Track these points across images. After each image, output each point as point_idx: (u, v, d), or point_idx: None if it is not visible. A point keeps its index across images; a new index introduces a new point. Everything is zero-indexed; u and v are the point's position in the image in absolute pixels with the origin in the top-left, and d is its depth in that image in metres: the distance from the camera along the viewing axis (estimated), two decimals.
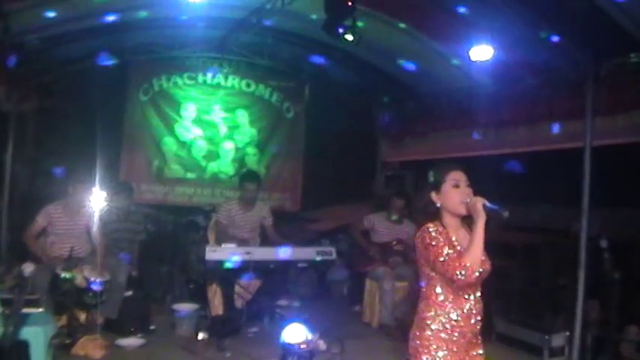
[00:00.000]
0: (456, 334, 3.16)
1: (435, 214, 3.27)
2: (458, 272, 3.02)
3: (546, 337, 6.58)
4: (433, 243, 3.12)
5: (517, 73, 7.75)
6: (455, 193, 3.21)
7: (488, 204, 3.09)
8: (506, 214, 3.06)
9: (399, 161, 11.04)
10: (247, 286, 7.22)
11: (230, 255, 6.74)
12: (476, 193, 3.22)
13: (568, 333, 6.71)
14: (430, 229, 3.16)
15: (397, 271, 7.83)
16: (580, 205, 6.79)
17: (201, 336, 6.65)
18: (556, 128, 7.58)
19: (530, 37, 6.83)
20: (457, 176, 3.24)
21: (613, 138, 6.89)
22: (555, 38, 6.65)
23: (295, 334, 5.65)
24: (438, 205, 3.26)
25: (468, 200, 3.15)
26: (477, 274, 3.06)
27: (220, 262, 6.73)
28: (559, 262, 7.63)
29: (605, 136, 6.85)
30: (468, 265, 3.02)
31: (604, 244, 6.21)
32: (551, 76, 7.41)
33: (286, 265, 7.31)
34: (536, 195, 8.14)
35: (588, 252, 6.68)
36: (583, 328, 6.60)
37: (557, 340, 6.65)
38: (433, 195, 3.28)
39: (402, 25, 7.80)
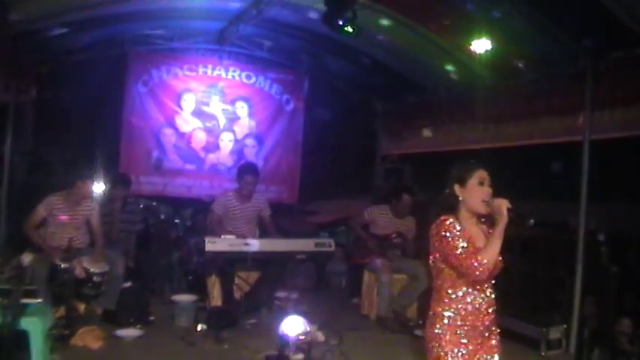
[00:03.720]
0: (468, 328, 3.22)
1: (453, 207, 3.31)
2: (474, 267, 3.08)
3: (544, 330, 6.60)
4: (448, 235, 3.17)
5: (516, 68, 7.75)
6: (479, 191, 3.26)
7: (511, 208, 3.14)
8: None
9: (398, 154, 11.04)
10: (246, 277, 7.23)
11: (229, 246, 6.76)
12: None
13: (565, 326, 6.74)
14: (446, 222, 3.21)
15: (395, 263, 7.85)
16: (578, 200, 6.81)
17: (199, 327, 6.66)
18: (555, 122, 7.58)
19: (530, 31, 6.83)
20: (483, 175, 3.30)
21: (611, 132, 6.90)
22: (554, 32, 6.66)
23: (293, 325, 5.67)
24: (461, 198, 3.30)
25: (489, 200, 3.21)
26: (487, 271, 3.10)
27: (219, 254, 6.75)
28: (557, 256, 7.64)
29: (603, 131, 6.86)
30: (485, 262, 3.07)
31: (601, 238, 6.24)
32: (550, 70, 7.42)
33: (285, 256, 7.33)
34: (534, 189, 8.14)
35: (586, 246, 6.71)
36: (580, 321, 6.63)
37: (555, 333, 6.68)
38: (457, 188, 3.32)
39: (402, 18, 7.80)
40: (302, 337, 5.65)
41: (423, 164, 10.27)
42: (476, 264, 3.07)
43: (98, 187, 8.22)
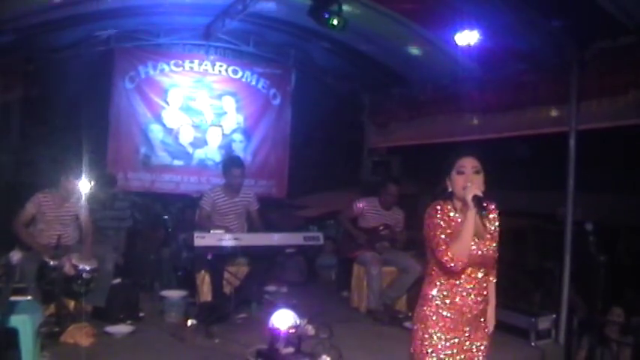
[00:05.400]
0: (455, 313, 3.25)
1: (449, 198, 3.34)
2: (444, 259, 3.12)
3: (533, 319, 6.63)
4: (434, 223, 3.21)
5: (502, 59, 7.77)
6: (458, 180, 3.27)
7: (479, 196, 3.15)
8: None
9: (386, 147, 11.06)
10: (235, 272, 7.24)
11: (218, 241, 6.76)
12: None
13: (554, 315, 6.78)
14: (437, 207, 3.26)
15: (384, 256, 7.86)
16: (565, 190, 6.84)
17: (189, 322, 6.65)
18: (541, 113, 7.61)
19: (515, 22, 6.84)
20: (463, 163, 3.29)
21: (598, 122, 6.93)
22: (540, 23, 6.68)
23: (284, 319, 5.67)
24: (450, 190, 3.32)
25: (469, 184, 3.22)
26: (460, 263, 3.13)
27: (209, 249, 6.74)
28: (545, 246, 7.69)
29: (589, 121, 6.89)
30: (450, 254, 3.11)
31: (589, 227, 6.27)
32: (536, 60, 7.44)
33: (274, 250, 7.33)
34: (522, 180, 8.18)
35: (574, 236, 6.74)
36: (569, 310, 6.67)
37: (544, 323, 6.71)
38: (447, 181, 3.34)
39: (388, 11, 7.80)
40: (292, 331, 5.65)
41: (411, 157, 10.29)
42: (445, 258, 3.12)
43: (85, 185, 8.21)
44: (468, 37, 6.92)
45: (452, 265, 3.11)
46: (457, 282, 3.25)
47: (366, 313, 7.73)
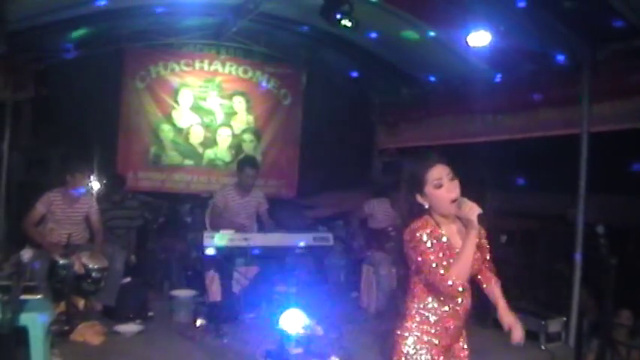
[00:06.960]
0: (439, 328, 3.10)
1: (422, 212, 3.08)
2: (444, 285, 2.90)
3: (543, 322, 6.61)
4: (422, 248, 2.96)
5: (514, 60, 7.74)
6: (440, 194, 3.01)
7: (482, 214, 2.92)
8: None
9: (396, 148, 11.03)
10: (245, 272, 7.24)
11: (228, 241, 6.76)
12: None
13: (565, 318, 6.75)
14: (421, 230, 2.98)
15: (394, 256, 7.84)
16: (577, 192, 6.81)
17: (199, 322, 6.68)
18: (553, 114, 7.58)
19: (527, 23, 6.82)
20: (437, 174, 3.02)
21: (610, 124, 6.90)
22: (552, 24, 6.65)
23: (293, 319, 5.68)
24: (426, 206, 3.07)
25: (459, 199, 2.99)
26: (460, 284, 2.90)
27: (218, 249, 6.75)
28: (556, 248, 7.65)
29: (602, 123, 6.86)
30: (454, 278, 2.88)
31: (600, 230, 6.23)
32: (547, 62, 7.40)
33: (284, 250, 7.33)
34: (533, 181, 8.14)
35: (585, 238, 6.71)
36: (579, 313, 6.64)
37: (554, 326, 6.69)
38: (418, 197, 3.08)
39: (399, 12, 7.78)
40: (301, 331, 5.66)
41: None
42: (444, 282, 2.90)
43: (95, 184, 8.26)
44: (479, 38, 6.89)
45: (452, 287, 2.89)
46: (441, 299, 3.07)
47: (375, 314, 7.73)
